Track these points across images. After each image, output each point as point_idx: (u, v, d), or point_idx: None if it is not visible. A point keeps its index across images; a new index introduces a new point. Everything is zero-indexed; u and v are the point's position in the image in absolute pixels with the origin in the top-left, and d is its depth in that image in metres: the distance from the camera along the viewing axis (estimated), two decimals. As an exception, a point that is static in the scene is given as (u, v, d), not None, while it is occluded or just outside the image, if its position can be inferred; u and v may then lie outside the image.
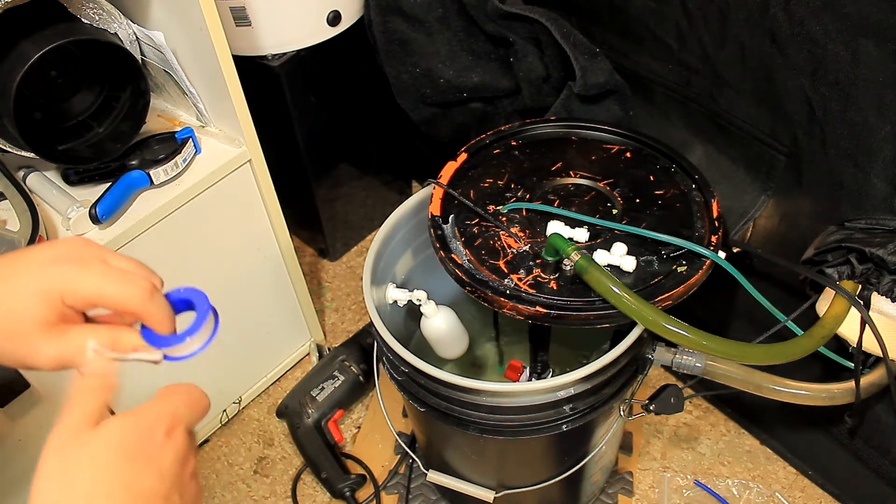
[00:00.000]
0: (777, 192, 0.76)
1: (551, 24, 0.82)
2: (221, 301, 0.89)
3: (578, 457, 0.75)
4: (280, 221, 0.93)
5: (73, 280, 0.38)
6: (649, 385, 1.02)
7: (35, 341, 0.38)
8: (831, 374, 0.75)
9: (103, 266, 0.39)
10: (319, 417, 0.98)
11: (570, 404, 0.64)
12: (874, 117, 0.61)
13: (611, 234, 0.67)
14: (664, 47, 0.78)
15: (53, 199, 0.77)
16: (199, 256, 0.86)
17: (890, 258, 0.61)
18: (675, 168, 0.73)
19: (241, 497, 0.97)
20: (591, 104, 0.86)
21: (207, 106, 0.83)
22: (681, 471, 0.95)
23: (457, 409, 0.65)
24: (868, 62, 0.59)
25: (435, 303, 0.74)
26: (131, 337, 0.41)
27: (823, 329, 0.63)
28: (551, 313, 0.61)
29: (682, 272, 0.63)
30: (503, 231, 0.69)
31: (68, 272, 0.38)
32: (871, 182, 0.64)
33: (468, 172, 0.75)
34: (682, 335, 0.58)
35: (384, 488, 0.95)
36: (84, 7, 0.71)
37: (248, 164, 0.84)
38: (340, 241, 1.26)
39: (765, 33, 0.67)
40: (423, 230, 0.81)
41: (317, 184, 1.12)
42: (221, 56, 0.73)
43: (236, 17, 0.90)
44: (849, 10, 0.59)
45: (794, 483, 0.93)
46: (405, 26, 0.91)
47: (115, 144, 0.77)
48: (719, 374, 0.67)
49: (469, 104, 0.95)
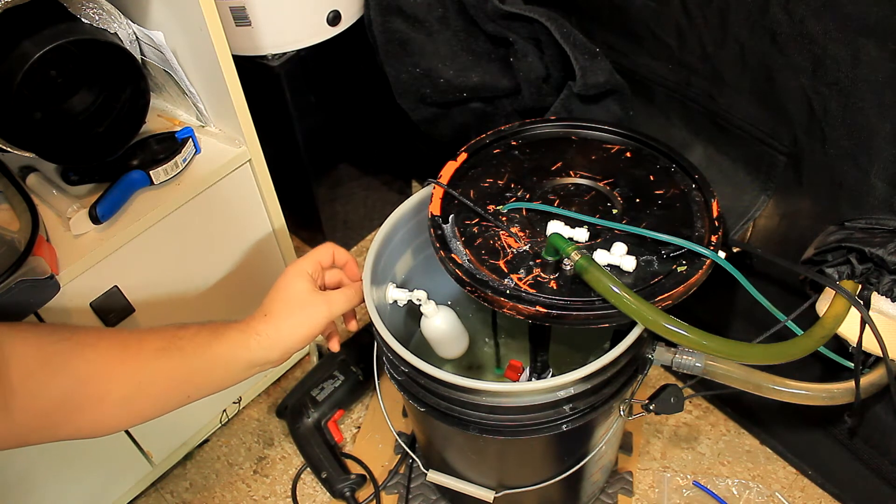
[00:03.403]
0: (777, 192, 0.76)
1: (551, 23, 0.82)
2: (221, 301, 0.90)
3: (578, 457, 0.75)
4: (280, 221, 0.93)
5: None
6: (649, 385, 1.02)
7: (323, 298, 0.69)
8: (831, 374, 0.75)
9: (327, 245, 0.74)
10: (319, 417, 0.98)
11: (570, 404, 0.64)
12: (874, 117, 0.61)
13: (611, 233, 0.67)
14: (664, 47, 0.78)
15: (53, 199, 0.77)
16: (198, 256, 0.86)
17: (890, 258, 0.61)
18: (675, 168, 0.73)
19: (241, 497, 0.97)
20: (591, 104, 0.86)
21: (207, 106, 0.83)
22: (681, 471, 0.95)
23: (457, 409, 0.65)
24: (868, 62, 0.59)
25: (435, 303, 0.74)
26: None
27: (823, 329, 0.63)
28: (551, 313, 0.61)
29: (682, 272, 0.63)
30: (503, 231, 0.69)
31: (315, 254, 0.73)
32: (871, 182, 0.64)
33: (468, 172, 0.75)
34: (682, 335, 0.58)
35: (384, 488, 0.95)
36: (84, 7, 0.71)
37: (248, 163, 0.84)
38: (340, 242, 1.24)
39: (765, 33, 0.67)
40: (423, 230, 0.81)
41: (317, 184, 1.12)
42: (221, 56, 0.73)
43: (236, 17, 0.90)
44: (849, 10, 0.59)
45: (794, 483, 0.93)
46: (405, 26, 0.91)
47: (115, 144, 0.77)
48: (719, 374, 0.67)
49: (469, 104, 0.95)
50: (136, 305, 0.80)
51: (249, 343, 0.65)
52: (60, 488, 0.85)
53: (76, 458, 0.84)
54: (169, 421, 0.93)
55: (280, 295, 0.67)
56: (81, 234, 0.74)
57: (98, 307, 0.76)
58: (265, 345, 0.65)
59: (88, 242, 0.73)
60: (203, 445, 1.03)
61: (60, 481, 0.84)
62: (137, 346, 0.61)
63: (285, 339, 0.66)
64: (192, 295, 0.87)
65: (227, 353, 0.64)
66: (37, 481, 0.81)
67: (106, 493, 0.92)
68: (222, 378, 0.65)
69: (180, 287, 0.85)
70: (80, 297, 0.74)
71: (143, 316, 0.82)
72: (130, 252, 0.76)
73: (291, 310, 0.67)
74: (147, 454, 0.93)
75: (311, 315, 0.67)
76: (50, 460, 0.81)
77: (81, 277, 0.73)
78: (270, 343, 0.65)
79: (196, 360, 0.63)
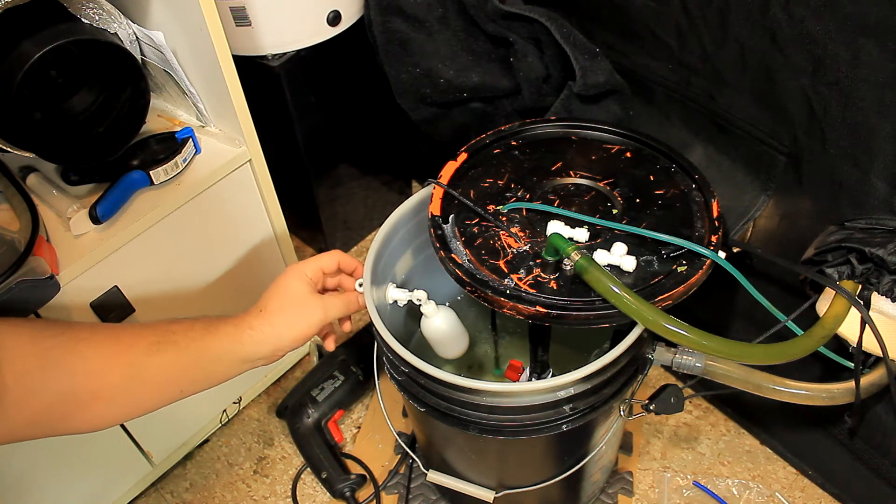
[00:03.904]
0: (777, 192, 0.76)
1: (551, 23, 0.82)
2: (221, 300, 0.90)
3: (578, 457, 0.75)
4: (280, 221, 0.93)
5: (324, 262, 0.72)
6: (649, 385, 1.02)
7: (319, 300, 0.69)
8: (831, 374, 0.75)
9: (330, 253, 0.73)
10: (319, 417, 0.98)
11: (570, 404, 0.64)
12: (874, 117, 0.61)
13: (611, 233, 0.67)
14: (664, 47, 0.78)
15: (53, 199, 0.77)
16: (198, 256, 0.86)
17: (890, 258, 0.61)
18: (675, 168, 0.73)
19: (241, 497, 0.97)
20: (591, 104, 0.86)
21: (207, 106, 0.83)
22: (681, 471, 0.95)
23: (457, 409, 0.65)
24: (868, 62, 0.59)
25: (435, 303, 0.74)
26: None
27: (823, 329, 0.63)
28: (551, 313, 0.61)
29: (682, 272, 0.63)
30: (503, 231, 0.69)
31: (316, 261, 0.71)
32: (871, 182, 0.64)
33: (468, 172, 0.75)
34: (682, 335, 0.58)
35: (384, 488, 0.95)
36: (84, 7, 0.70)
37: (248, 164, 0.84)
38: (340, 241, 1.26)
39: (765, 33, 0.67)
40: (423, 230, 0.81)
41: (317, 184, 1.12)
42: (221, 56, 0.73)
43: (236, 17, 0.90)
44: (849, 10, 0.59)
45: (794, 483, 0.93)
46: (405, 26, 0.91)
47: (115, 144, 0.77)
48: (719, 374, 0.67)
49: (469, 104, 0.95)
50: (136, 305, 0.80)
51: (242, 337, 0.65)
52: (60, 488, 0.85)
53: (76, 458, 0.84)
54: (169, 421, 0.94)
55: (277, 292, 0.68)
56: (81, 234, 0.74)
57: (98, 307, 0.76)
58: (257, 339, 0.65)
59: (88, 242, 0.73)
60: (203, 445, 1.03)
61: (60, 481, 0.84)
62: (131, 341, 0.61)
63: (278, 336, 0.66)
64: (193, 295, 0.87)
65: (219, 348, 0.64)
66: (36, 481, 0.81)
67: (106, 493, 0.92)
68: (216, 372, 0.65)
69: (180, 287, 0.85)
70: (80, 296, 0.74)
71: (144, 316, 0.82)
72: (130, 252, 0.76)
73: (286, 307, 0.67)
74: (147, 454, 0.93)
75: (306, 315, 0.67)
76: (50, 460, 0.81)
77: (81, 277, 0.73)
78: (262, 338, 0.66)
79: (189, 354, 0.63)
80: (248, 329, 0.65)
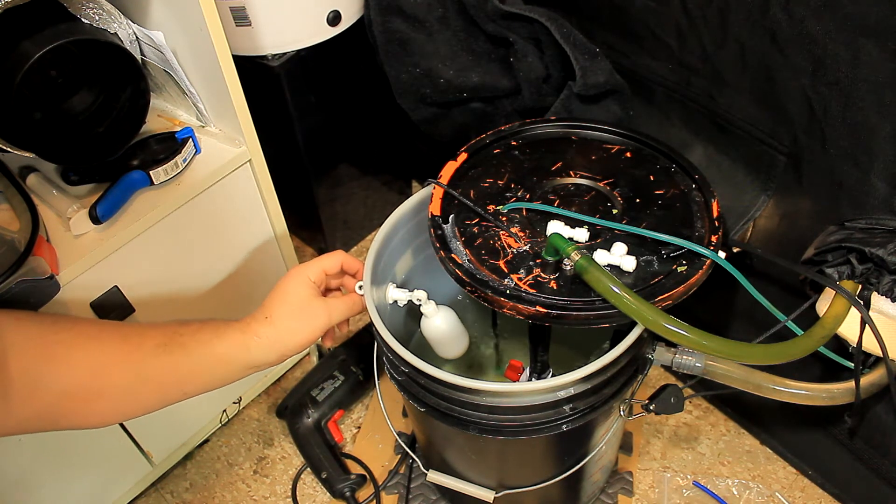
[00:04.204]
0: (777, 192, 0.76)
1: (551, 24, 0.82)
2: (221, 300, 0.90)
3: (578, 457, 0.75)
4: (280, 221, 0.93)
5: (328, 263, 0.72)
6: (649, 385, 1.02)
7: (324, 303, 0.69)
8: (831, 374, 0.75)
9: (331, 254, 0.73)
10: (319, 417, 0.98)
11: (570, 404, 0.64)
12: (874, 117, 0.61)
13: (611, 233, 0.67)
14: (664, 47, 0.78)
15: (53, 199, 0.77)
16: (198, 256, 0.86)
17: (890, 258, 0.61)
18: (675, 168, 0.73)
19: (241, 497, 0.97)
20: (591, 104, 0.86)
21: (207, 106, 0.83)
22: (681, 471, 0.95)
23: (457, 409, 0.65)
24: (868, 62, 0.59)
25: (435, 303, 0.74)
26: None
27: (823, 329, 0.63)
28: (551, 313, 0.61)
29: (682, 272, 0.63)
30: (503, 231, 0.69)
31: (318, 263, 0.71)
32: (871, 182, 0.64)
33: (468, 172, 0.75)
34: (682, 335, 0.58)
35: (384, 488, 0.95)
36: (84, 7, 0.70)
37: (248, 164, 0.84)
38: (340, 241, 1.26)
39: (765, 33, 0.67)
40: (423, 230, 0.81)
41: (317, 184, 1.12)
42: (221, 56, 0.73)
43: (236, 17, 0.90)
44: (849, 10, 0.59)
45: (794, 483, 0.93)
46: (405, 26, 0.91)
47: (115, 144, 0.77)
48: (719, 374, 0.67)
49: (469, 104, 0.95)
50: (136, 305, 0.80)
51: (249, 345, 0.66)
52: (60, 488, 0.85)
53: (76, 457, 0.84)
54: (169, 421, 0.94)
55: (281, 298, 0.68)
56: (81, 234, 0.74)
57: (98, 307, 0.76)
58: (264, 347, 0.66)
59: (88, 242, 0.73)
60: (203, 445, 1.03)
61: (60, 481, 0.84)
62: (138, 341, 0.62)
63: (284, 343, 0.67)
64: (193, 295, 0.87)
65: (227, 354, 0.65)
66: (36, 481, 0.81)
67: (106, 493, 0.92)
68: (221, 376, 0.66)
69: (180, 287, 0.85)
70: (80, 296, 0.74)
71: (144, 316, 0.82)
72: (130, 252, 0.76)
73: (292, 314, 0.67)
74: (147, 454, 0.93)
75: (311, 321, 0.68)
76: (50, 460, 0.81)
77: (81, 277, 0.73)
78: (269, 345, 0.66)
79: (196, 358, 0.64)
80: (255, 336, 0.66)
